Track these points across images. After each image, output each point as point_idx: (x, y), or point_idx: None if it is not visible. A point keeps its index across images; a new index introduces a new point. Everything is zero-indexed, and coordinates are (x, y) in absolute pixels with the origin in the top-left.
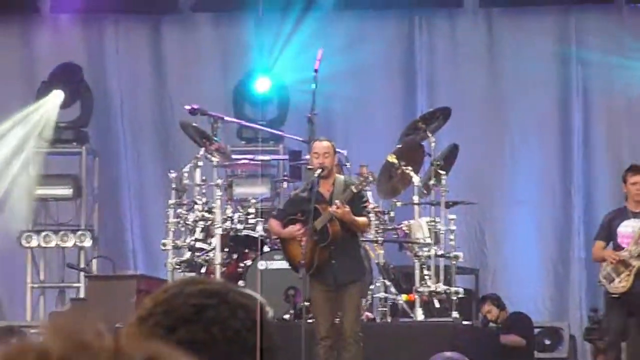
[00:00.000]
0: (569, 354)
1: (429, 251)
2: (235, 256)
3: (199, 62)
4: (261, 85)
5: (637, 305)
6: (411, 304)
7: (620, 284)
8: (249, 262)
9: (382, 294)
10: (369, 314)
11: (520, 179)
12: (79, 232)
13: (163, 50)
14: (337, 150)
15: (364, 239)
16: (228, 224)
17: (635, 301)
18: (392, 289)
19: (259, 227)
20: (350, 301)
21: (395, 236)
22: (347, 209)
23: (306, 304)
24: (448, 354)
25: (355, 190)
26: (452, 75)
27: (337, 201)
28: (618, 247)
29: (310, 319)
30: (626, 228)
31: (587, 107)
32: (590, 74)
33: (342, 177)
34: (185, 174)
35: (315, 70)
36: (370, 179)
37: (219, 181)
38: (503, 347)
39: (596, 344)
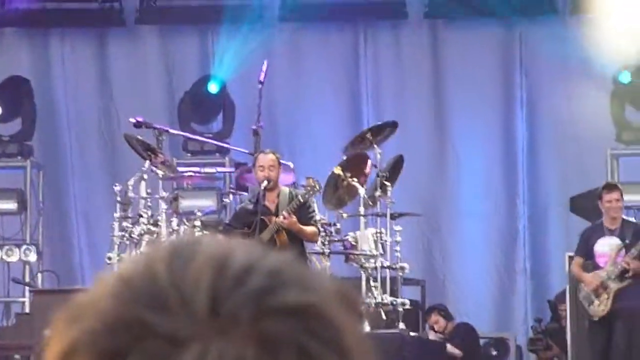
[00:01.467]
0: None
1: (375, 263)
2: None
3: (145, 75)
4: (213, 87)
5: (618, 327)
6: None
7: (600, 307)
8: None
9: None
10: None
11: (466, 189)
12: (24, 247)
13: (109, 63)
14: (282, 162)
15: (310, 251)
16: (174, 237)
17: (615, 323)
18: None
19: None
20: None
21: (342, 248)
22: (294, 218)
23: None
24: None
25: (301, 200)
26: (397, 86)
27: (284, 212)
28: (596, 267)
29: None
30: (602, 247)
31: (531, 118)
32: (534, 84)
33: (287, 188)
34: (131, 187)
35: (261, 82)
36: (317, 187)
37: (165, 194)
38: (449, 357)
39: (539, 354)
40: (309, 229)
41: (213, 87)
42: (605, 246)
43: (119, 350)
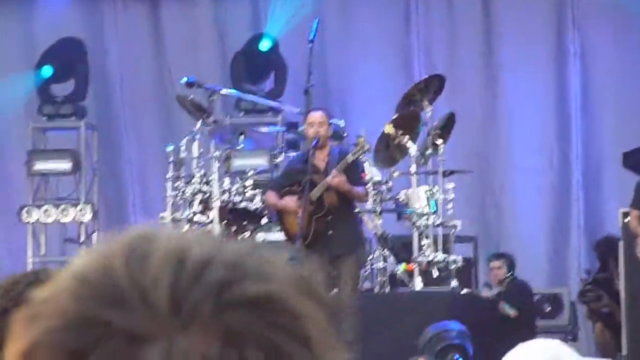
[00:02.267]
0: (569, 320)
1: (427, 220)
2: (233, 229)
3: (197, 35)
4: (265, 44)
5: None
6: (410, 273)
7: None
8: (247, 235)
9: (380, 264)
10: (368, 284)
11: (518, 145)
12: (79, 207)
13: (161, 23)
14: (333, 120)
15: (362, 209)
16: (226, 196)
17: None
18: (391, 259)
19: (257, 199)
20: (346, 272)
21: (394, 206)
22: (343, 178)
23: None
24: (446, 323)
25: (351, 159)
26: (449, 41)
27: (333, 170)
28: None
29: None
30: None
31: (584, 72)
32: (587, 38)
33: (337, 147)
34: (183, 147)
35: (311, 41)
36: (366, 147)
37: (217, 154)
38: (502, 315)
39: (590, 305)
40: (358, 189)
41: (265, 44)
42: None
43: (80, 349)
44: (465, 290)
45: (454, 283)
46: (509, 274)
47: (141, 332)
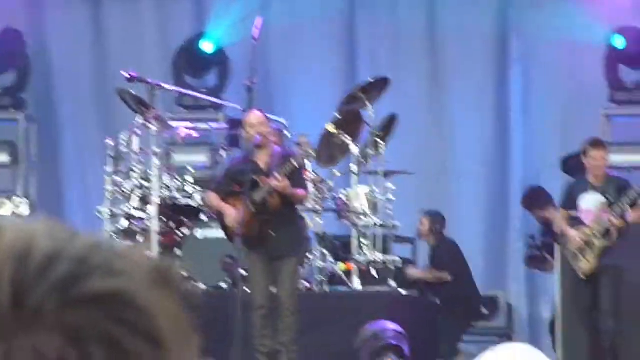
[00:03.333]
0: (506, 323)
1: (367, 220)
2: (172, 225)
3: (140, 29)
4: (207, 47)
5: (604, 284)
6: (349, 273)
7: (586, 265)
8: (186, 231)
9: (320, 263)
10: (307, 283)
11: (460, 148)
12: (16, 199)
13: (103, 17)
14: (275, 119)
15: (302, 209)
16: (166, 192)
17: (601, 280)
18: (330, 258)
19: (197, 196)
20: (286, 272)
21: (334, 205)
22: (287, 182)
23: (244, 273)
24: (383, 323)
25: (295, 164)
26: (393, 44)
27: (277, 174)
28: (580, 223)
29: (246, 288)
30: (587, 203)
31: (525, 77)
32: (528, 43)
33: (279, 147)
34: (123, 142)
35: (254, 39)
36: (310, 152)
37: (157, 149)
38: (441, 317)
39: (540, 268)
40: (299, 192)
41: (207, 47)
42: (590, 202)
43: None
44: (403, 291)
45: (393, 283)
46: (435, 231)
47: None
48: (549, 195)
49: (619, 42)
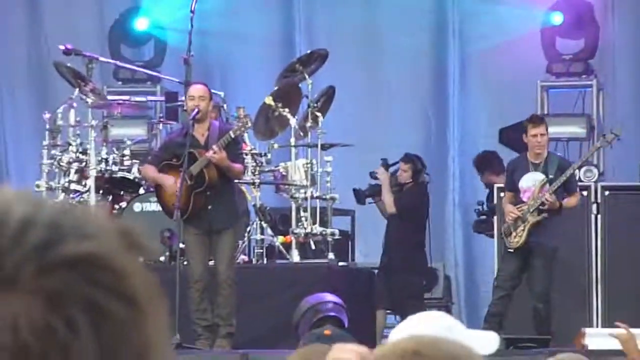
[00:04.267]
0: (443, 293)
1: (305, 193)
2: (110, 198)
3: (75, 2)
4: (140, 24)
5: (530, 259)
6: (287, 245)
7: (515, 239)
8: (124, 204)
9: (258, 236)
10: (245, 257)
11: (397, 120)
12: None
13: None
14: (213, 92)
15: (241, 182)
16: (103, 165)
17: (527, 255)
18: (269, 231)
19: (135, 169)
20: (224, 246)
21: (272, 178)
22: (224, 154)
23: (181, 246)
24: (321, 295)
25: (232, 136)
26: (330, 16)
27: (214, 146)
28: (520, 202)
29: (184, 261)
30: (527, 182)
31: (463, 49)
32: (466, 14)
33: (217, 121)
34: (60, 115)
35: (192, 11)
36: (248, 124)
37: (94, 122)
38: (379, 289)
39: (487, 234)
40: (236, 166)
41: (141, 23)
42: (530, 181)
43: None
44: (342, 263)
45: (331, 256)
46: (411, 180)
47: None
48: (501, 161)
49: (557, 19)
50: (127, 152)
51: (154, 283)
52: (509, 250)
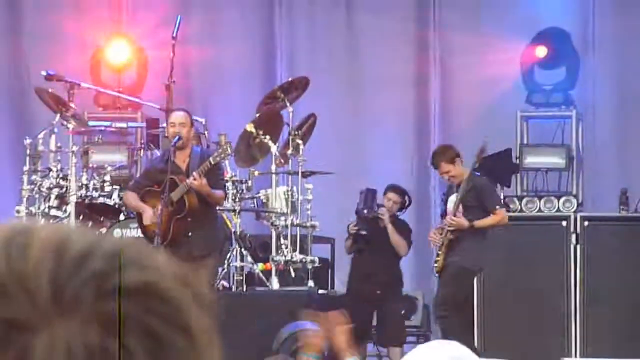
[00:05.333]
0: (422, 322)
1: (285, 220)
2: (90, 224)
3: (57, 27)
4: (117, 54)
5: (444, 278)
6: (267, 272)
7: (436, 263)
8: (104, 230)
9: (238, 263)
10: (225, 283)
11: (378, 149)
12: None
13: (20, 14)
14: (195, 118)
15: (221, 208)
16: (83, 191)
17: (444, 274)
18: (249, 258)
19: (115, 195)
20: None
21: (253, 205)
22: (204, 181)
23: None
24: (302, 323)
25: (212, 162)
26: (311, 44)
27: (194, 173)
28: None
29: None
30: (449, 204)
31: (444, 78)
32: (447, 44)
33: (198, 148)
34: (41, 141)
35: (174, 38)
36: (228, 151)
37: (75, 148)
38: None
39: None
40: (217, 192)
41: (123, 43)
42: (450, 203)
43: None
44: (321, 291)
45: (311, 283)
46: (399, 212)
47: (22, 321)
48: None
49: (541, 52)
50: (107, 178)
51: (211, 323)
52: (436, 275)
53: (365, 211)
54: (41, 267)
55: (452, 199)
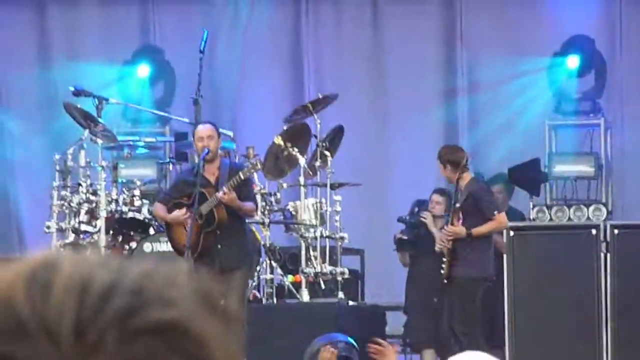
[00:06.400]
0: None
1: (315, 232)
2: (120, 238)
3: (85, 42)
4: (142, 71)
5: (450, 294)
6: (297, 284)
7: (443, 271)
8: (134, 245)
9: (268, 275)
10: (256, 295)
11: (406, 160)
12: None
13: (48, 30)
14: (222, 131)
15: (250, 221)
16: (113, 206)
17: (450, 289)
18: (279, 270)
19: (145, 210)
20: (234, 284)
21: (282, 217)
22: (234, 195)
23: None
24: (333, 335)
25: (242, 177)
26: (338, 57)
27: (224, 187)
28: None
29: None
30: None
31: (472, 89)
32: (474, 56)
33: (227, 160)
34: (70, 156)
35: (201, 52)
36: (259, 166)
37: (104, 163)
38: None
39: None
40: (248, 205)
41: (143, 71)
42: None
43: None
44: (351, 302)
45: (341, 295)
46: (446, 214)
47: None
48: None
49: (573, 63)
50: (137, 192)
51: (235, 346)
52: (444, 282)
53: (407, 217)
54: (64, 308)
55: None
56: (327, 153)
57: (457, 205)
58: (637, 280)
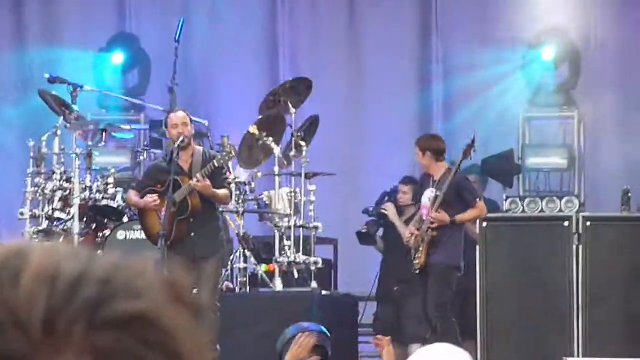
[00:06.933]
0: None
1: (289, 222)
2: (94, 226)
3: (61, 28)
4: (116, 59)
5: (429, 282)
6: (271, 274)
7: (416, 260)
8: (107, 232)
9: (241, 264)
10: (229, 284)
11: (381, 150)
12: None
13: (24, 15)
14: (197, 120)
15: (224, 210)
16: (87, 193)
17: (428, 278)
18: (252, 260)
19: (119, 197)
20: (207, 274)
21: (256, 207)
22: (208, 183)
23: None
24: (306, 324)
25: (216, 165)
26: (314, 44)
27: (198, 175)
28: (421, 219)
29: None
30: (425, 199)
31: (447, 78)
32: (450, 43)
33: (201, 148)
34: (44, 143)
35: (177, 40)
36: (233, 154)
37: (78, 150)
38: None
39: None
40: (222, 192)
41: (117, 58)
42: (426, 198)
43: None
44: (325, 292)
45: (314, 284)
46: (412, 202)
47: (14, 355)
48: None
49: (543, 52)
50: (111, 180)
51: (203, 338)
52: (415, 272)
53: (370, 209)
54: (33, 298)
55: (428, 193)
56: (303, 143)
57: (439, 193)
58: (608, 271)
